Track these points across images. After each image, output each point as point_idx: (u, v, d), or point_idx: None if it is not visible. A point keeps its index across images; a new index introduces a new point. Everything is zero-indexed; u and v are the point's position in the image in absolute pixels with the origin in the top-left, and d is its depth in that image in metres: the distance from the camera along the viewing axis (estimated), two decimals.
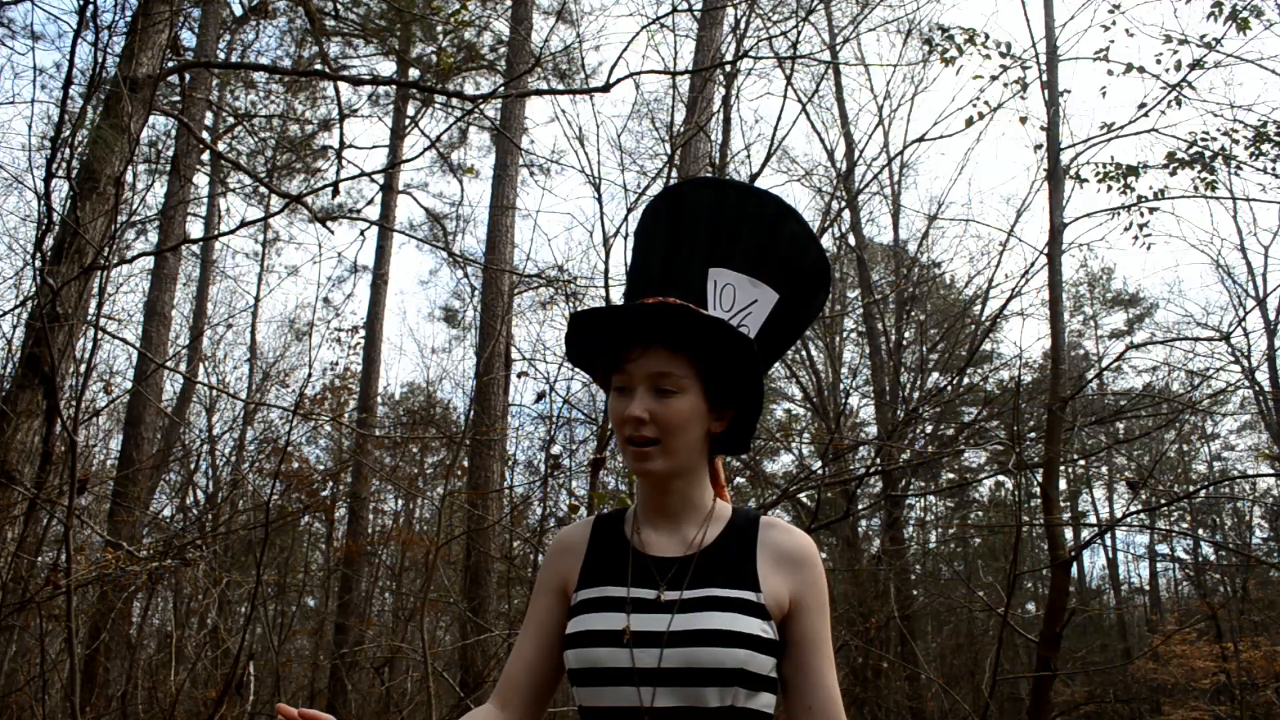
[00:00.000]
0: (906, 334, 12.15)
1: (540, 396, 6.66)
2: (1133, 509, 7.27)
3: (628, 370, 1.37)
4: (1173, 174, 7.70)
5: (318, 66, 8.92)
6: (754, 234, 1.51)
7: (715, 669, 1.25)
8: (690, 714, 1.25)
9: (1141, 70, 7.34)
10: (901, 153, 11.89)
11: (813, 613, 1.36)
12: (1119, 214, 7.92)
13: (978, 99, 7.46)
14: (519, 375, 8.90)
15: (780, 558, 1.38)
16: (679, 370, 1.36)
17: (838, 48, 10.86)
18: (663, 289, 1.45)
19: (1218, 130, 7.53)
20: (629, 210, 5.44)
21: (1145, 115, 7.40)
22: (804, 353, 12.03)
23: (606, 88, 4.51)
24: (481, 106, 9.09)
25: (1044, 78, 7.41)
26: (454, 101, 10.23)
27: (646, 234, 1.54)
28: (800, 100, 8.92)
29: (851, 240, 12.64)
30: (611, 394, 1.41)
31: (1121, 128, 7.39)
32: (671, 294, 1.42)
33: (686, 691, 1.25)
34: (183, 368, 10.81)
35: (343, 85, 8.16)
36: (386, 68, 12.73)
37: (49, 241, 3.96)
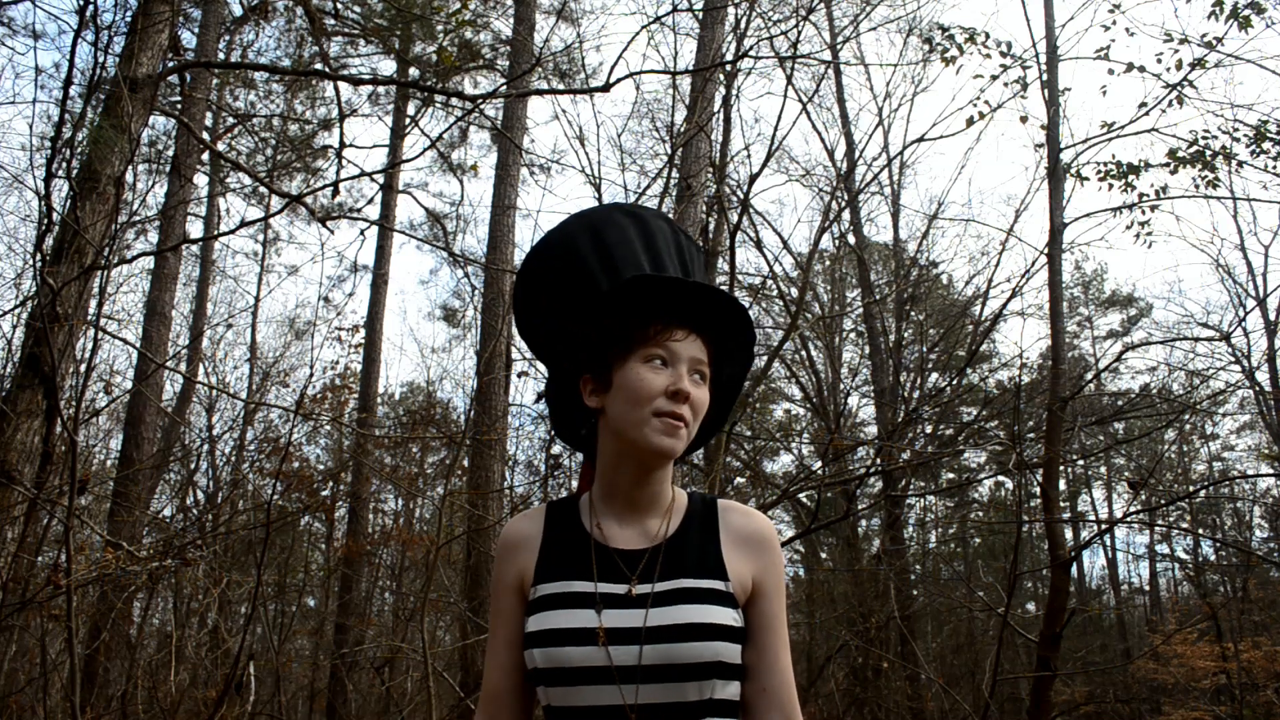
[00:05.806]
0: (906, 334, 12.14)
1: (540, 396, 6.64)
2: (1133, 509, 7.26)
3: (670, 347, 1.32)
4: (1173, 173, 7.70)
5: (318, 66, 8.91)
6: (688, 251, 1.49)
7: (694, 663, 1.23)
8: (669, 710, 1.23)
9: (1142, 70, 7.34)
10: (901, 153, 11.91)
11: (772, 596, 1.35)
12: (1120, 213, 7.92)
13: (978, 99, 7.47)
14: (519, 375, 8.89)
15: (742, 540, 1.36)
16: (707, 360, 1.36)
17: (838, 47, 10.87)
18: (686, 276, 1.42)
19: (1218, 129, 7.53)
20: None
21: (1146, 114, 7.40)
22: (804, 353, 12.03)
23: (607, 87, 4.50)
24: (482, 106, 9.08)
25: (1044, 77, 7.41)
26: (454, 101, 10.23)
27: (582, 251, 1.41)
28: (800, 100, 8.92)
29: (851, 240, 12.65)
30: (638, 364, 1.32)
31: (1122, 127, 7.40)
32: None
33: (665, 688, 1.23)
34: (183, 368, 10.81)
35: (343, 85, 8.15)
36: (386, 67, 12.74)
37: (49, 241, 3.96)
